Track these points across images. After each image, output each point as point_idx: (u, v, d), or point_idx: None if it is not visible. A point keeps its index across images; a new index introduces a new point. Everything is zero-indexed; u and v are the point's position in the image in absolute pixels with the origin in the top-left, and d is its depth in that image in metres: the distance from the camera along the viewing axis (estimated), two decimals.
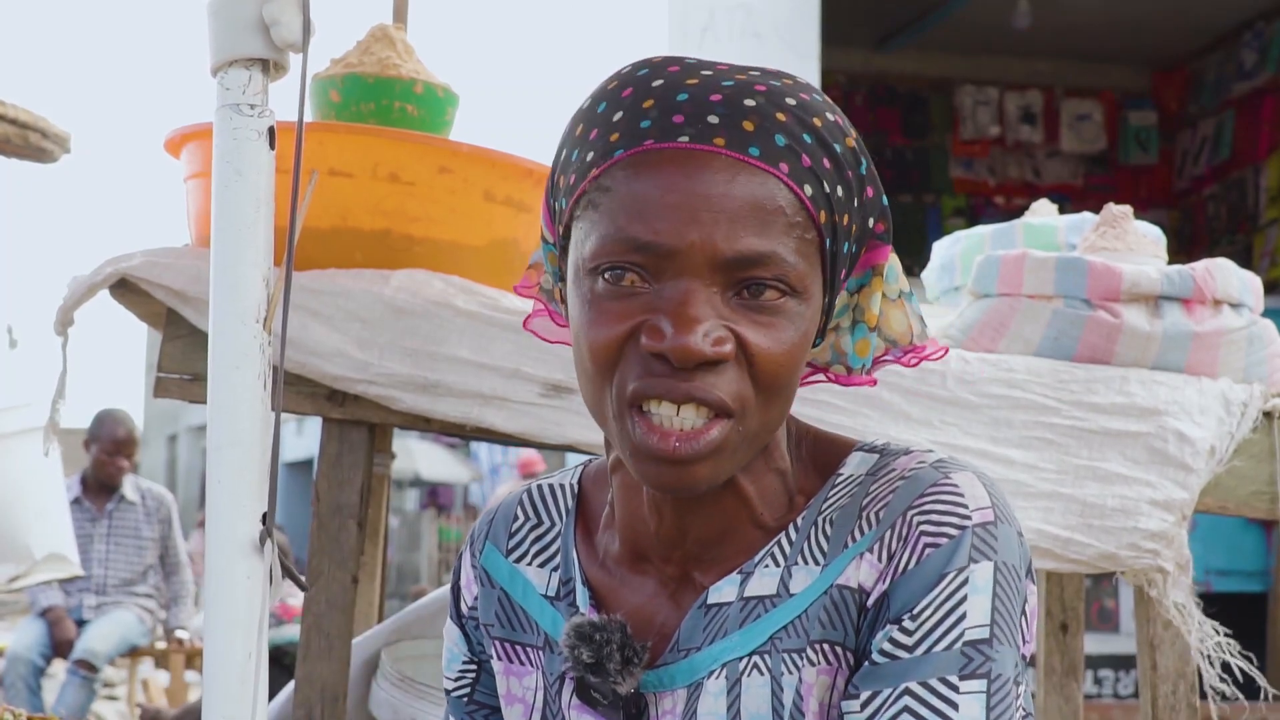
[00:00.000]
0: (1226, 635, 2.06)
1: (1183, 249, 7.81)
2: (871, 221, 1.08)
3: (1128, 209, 2.31)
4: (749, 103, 1.01)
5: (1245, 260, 7.30)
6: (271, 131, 1.13)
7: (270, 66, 1.13)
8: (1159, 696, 2.06)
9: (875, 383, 1.14)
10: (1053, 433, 2.03)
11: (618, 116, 1.02)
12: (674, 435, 0.99)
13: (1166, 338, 2.10)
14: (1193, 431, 2.05)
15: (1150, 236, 2.30)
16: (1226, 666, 2.06)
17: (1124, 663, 6.25)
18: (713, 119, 1.00)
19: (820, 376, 1.15)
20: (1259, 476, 2.12)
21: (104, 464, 6.06)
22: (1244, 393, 2.11)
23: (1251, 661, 2.03)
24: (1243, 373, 2.15)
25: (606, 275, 1.00)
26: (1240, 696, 2.06)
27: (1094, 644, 5.95)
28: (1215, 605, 2.07)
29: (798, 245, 1.00)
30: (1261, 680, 2.06)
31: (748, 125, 1.00)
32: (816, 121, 1.03)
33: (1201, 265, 2.16)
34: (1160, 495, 2.02)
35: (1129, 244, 2.23)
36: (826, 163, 1.02)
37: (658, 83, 1.03)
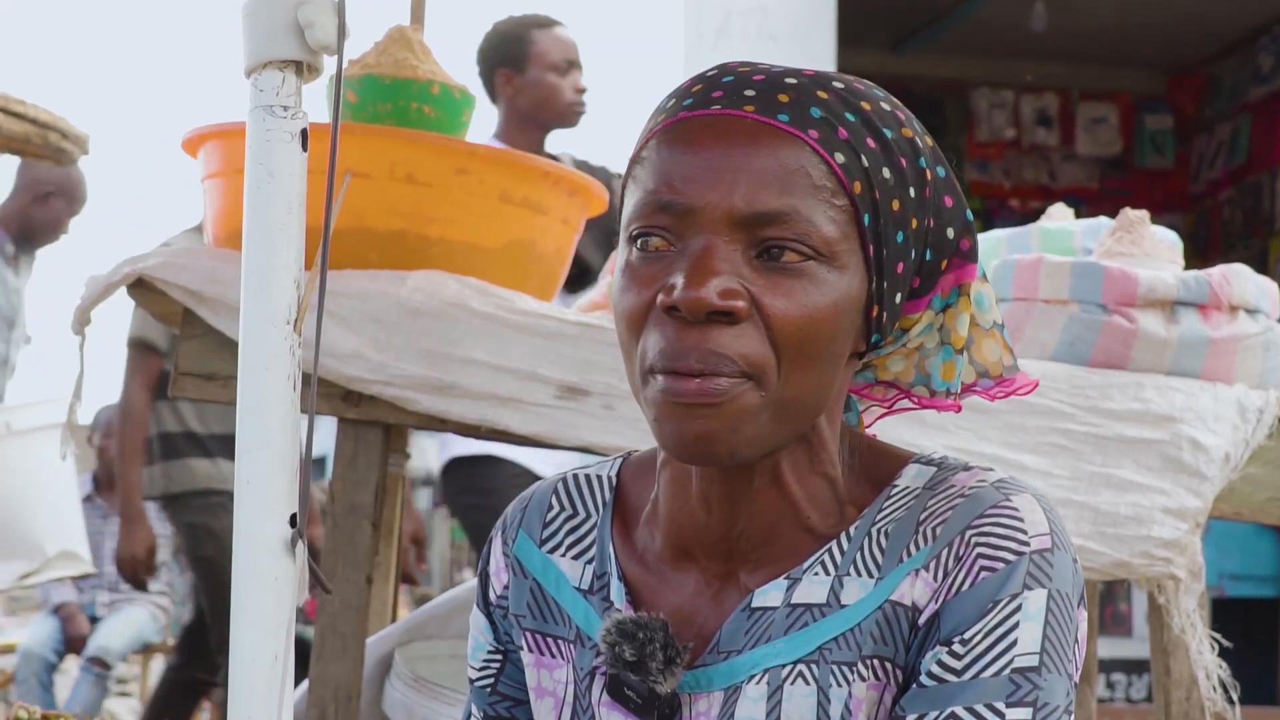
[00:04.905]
0: (1225, 649, 2.06)
1: (1198, 254, 7.78)
2: (952, 233, 1.07)
3: (1144, 214, 2.30)
4: (790, 81, 1.02)
5: (1261, 265, 7.27)
6: (304, 133, 1.13)
7: (304, 69, 1.14)
8: (1173, 702, 2.06)
9: (960, 409, 1.12)
10: (1067, 439, 2.03)
11: (670, 103, 1.05)
12: (693, 383, 0.97)
13: (1182, 343, 2.09)
14: (1208, 439, 2.05)
15: (1166, 241, 2.30)
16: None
17: (1137, 667, 6.23)
18: (749, 92, 1.02)
19: (906, 402, 1.15)
20: (1273, 483, 2.12)
21: (113, 460, 6.07)
22: (1259, 399, 2.11)
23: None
24: (1258, 378, 2.14)
25: (639, 242, 1.01)
26: (1230, 708, 2.05)
27: (1107, 648, 5.93)
28: (1229, 610, 2.07)
29: (825, 209, 1.00)
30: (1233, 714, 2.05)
31: (783, 98, 1.01)
32: (865, 105, 1.03)
33: (1218, 270, 2.15)
34: (1174, 503, 2.01)
35: (1145, 249, 2.23)
36: (871, 142, 1.02)
37: (714, 72, 1.05)
